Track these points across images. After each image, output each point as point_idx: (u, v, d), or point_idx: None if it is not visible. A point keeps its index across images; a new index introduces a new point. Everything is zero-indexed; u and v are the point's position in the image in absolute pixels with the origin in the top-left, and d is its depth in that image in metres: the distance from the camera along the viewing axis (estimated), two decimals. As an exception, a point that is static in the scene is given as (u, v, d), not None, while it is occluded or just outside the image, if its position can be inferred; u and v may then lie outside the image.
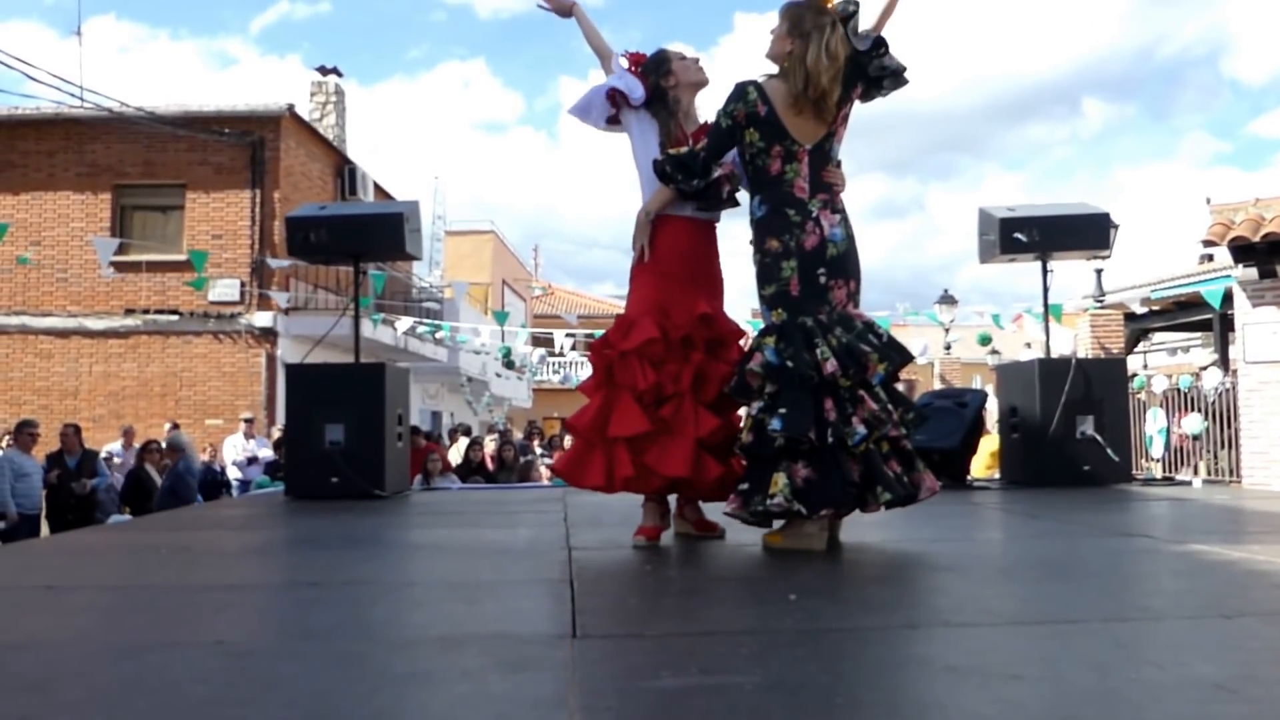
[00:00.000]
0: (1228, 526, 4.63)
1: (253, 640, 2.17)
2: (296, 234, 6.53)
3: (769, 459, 3.41)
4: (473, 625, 2.32)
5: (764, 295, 3.57)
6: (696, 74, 3.84)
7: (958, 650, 2.03)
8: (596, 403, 3.55)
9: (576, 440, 3.69)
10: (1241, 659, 1.97)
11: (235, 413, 14.87)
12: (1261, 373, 9.27)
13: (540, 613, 2.47)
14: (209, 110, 16.09)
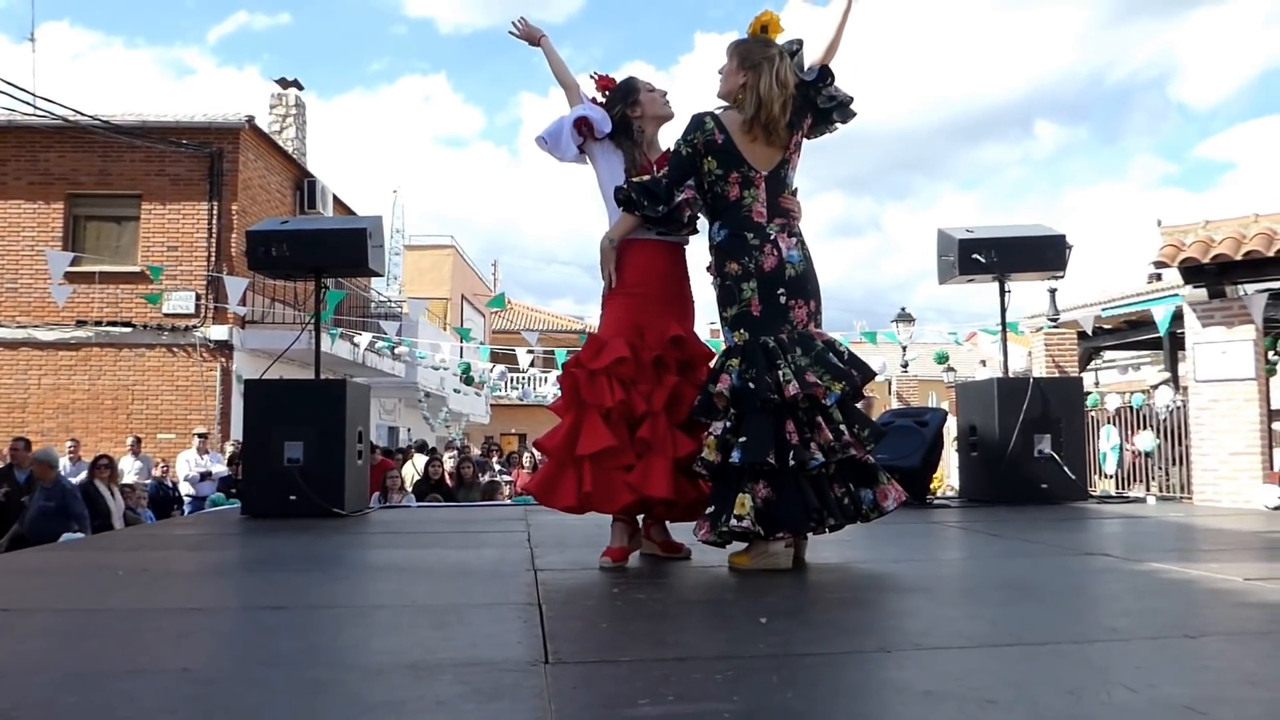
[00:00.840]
0: (1183, 544, 4.71)
1: (219, 667, 2.13)
2: (258, 248, 6.46)
3: (732, 479, 3.47)
4: (444, 651, 2.30)
5: (725, 317, 3.64)
6: (663, 108, 3.89)
7: (932, 674, 2.04)
8: (567, 422, 3.55)
9: (548, 461, 3.68)
10: (1208, 679, 2.00)
11: (188, 427, 14.68)
12: (1211, 391, 9.45)
13: (511, 638, 2.45)
14: (167, 120, 15.89)
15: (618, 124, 3.82)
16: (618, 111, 3.82)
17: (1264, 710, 1.74)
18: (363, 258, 6.46)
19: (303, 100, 20.54)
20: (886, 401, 23.00)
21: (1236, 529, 5.31)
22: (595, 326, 15.87)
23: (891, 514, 3.61)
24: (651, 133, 3.89)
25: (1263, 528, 5.44)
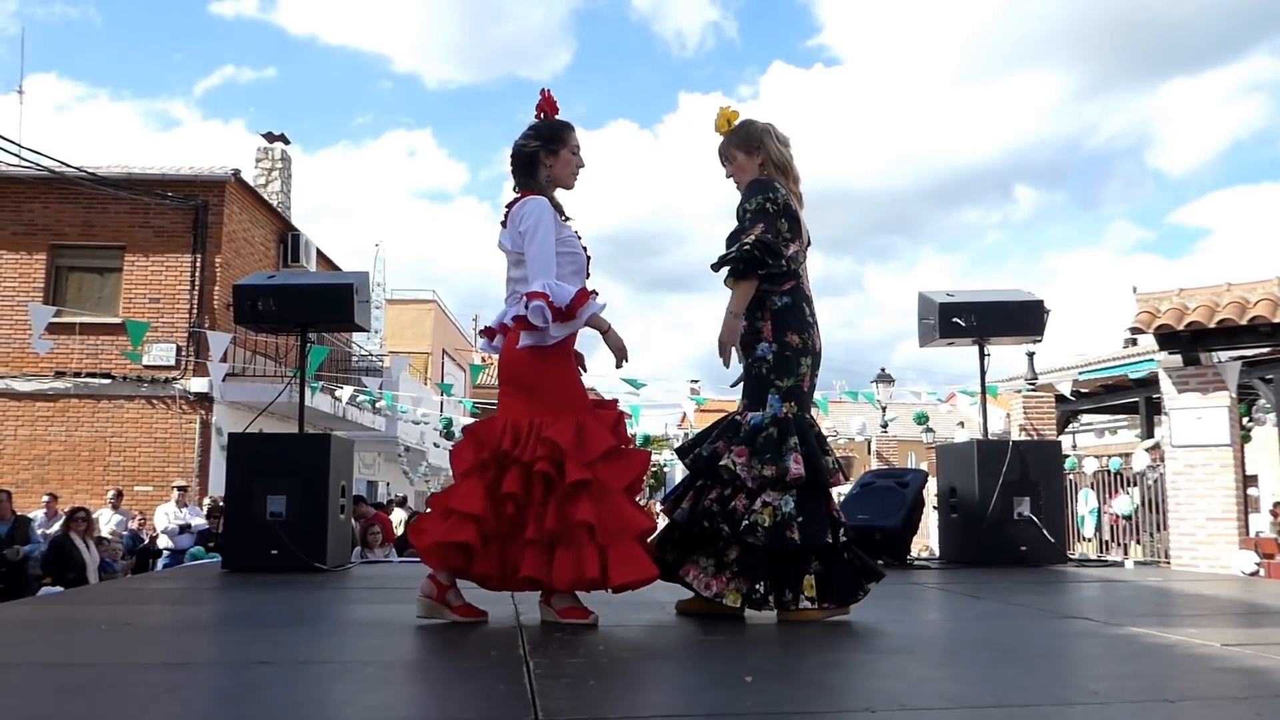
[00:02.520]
0: (1162, 609, 4.75)
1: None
2: (244, 302, 6.49)
3: (791, 558, 3.60)
4: (433, 708, 2.31)
5: (779, 386, 3.68)
6: (572, 178, 3.74)
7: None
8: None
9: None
10: (1188, 744, 2.03)
11: (166, 479, 14.56)
12: (1188, 456, 9.57)
13: (498, 695, 2.46)
14: (152, 172, 15.99)
15: (528, 157, 3.66)
16: (535, 147, 3.65)
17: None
18: (349, 313, 6.50)
19: (288, 154, 20.71)
20: (866, 461, 23.07)
21: (1214, 594, 5.36)
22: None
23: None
24: (551, 192, 3.68)
25: (1239, 594, 5.49)
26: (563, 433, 3.41)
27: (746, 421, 3.70)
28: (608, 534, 3.39)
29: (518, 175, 3.68)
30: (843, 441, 23.15)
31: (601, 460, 3.44)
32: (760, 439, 3.62)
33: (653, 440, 29.14)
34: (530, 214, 3.52)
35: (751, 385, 3.75)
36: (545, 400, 3.52)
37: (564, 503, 3.39)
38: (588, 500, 3.38)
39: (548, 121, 3.73)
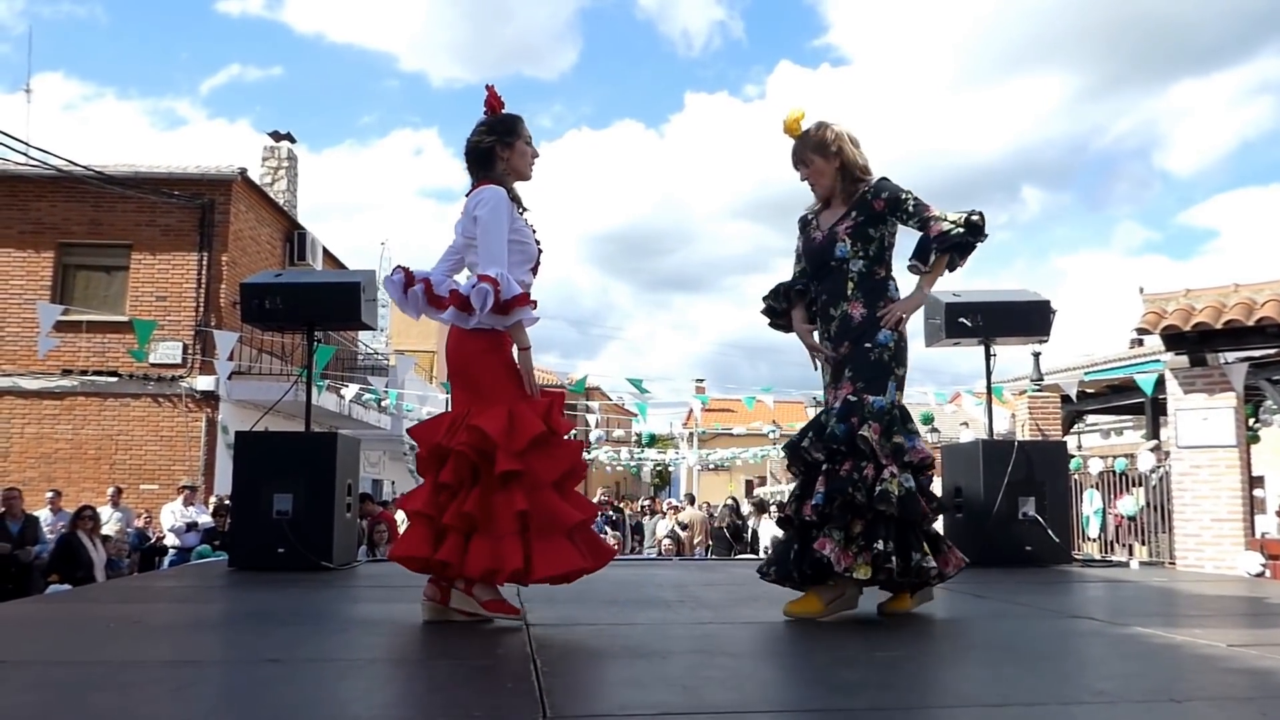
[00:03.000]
0: (1167, 609, 4.75)
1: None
2: (252, 300, 6.51)
3: (913, 527, 3.77)
4: (442, 705, 2.32)
5: (897, 375, 3.86)
6: (529, 168, 3.77)
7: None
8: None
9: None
10: (1195, 744, 2.04)
11: (172, 478, 14.60)
12: (1193, 457, 9.56)
13: (507, 693, 2.47)
14: (159, 171, 16.03)
15: (484, 152, 3.67)
16: (490, 141, 3.67)
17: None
18: (355, 311, 6.51)
19: (295, 153, 20.75)
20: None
21: (1219, 595, 5.35)
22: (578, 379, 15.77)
23: None
24: (510, 184, 3.71)
25: (1245, 594, 5.49)
26: (492, 421, 3.43)
27: (869, 403, 3.79)
28: (536, 527, 3.39)
29: (474, 170, 3.70)
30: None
31: (532, 450, 3.43)
32: (885, 419, 3.77)
33: (659, 439, 29.23)
34: (486, 201, 3.54)
35: (870, 369, 3.83)
36: (478, 389, 3.55)
37: (490, 492, 3.40)
38: (520, 491, 3.39)
39: (499, 116, 3.74)
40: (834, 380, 3.94)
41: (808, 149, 3.98)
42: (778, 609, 4.45)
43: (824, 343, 3.98)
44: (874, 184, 3.94)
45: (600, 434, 26.36)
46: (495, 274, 3.45)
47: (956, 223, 3.82)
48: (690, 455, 27.52)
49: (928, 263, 3.89)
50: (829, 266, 3.94)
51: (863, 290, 3.88)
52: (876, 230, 3.90)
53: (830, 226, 3.97)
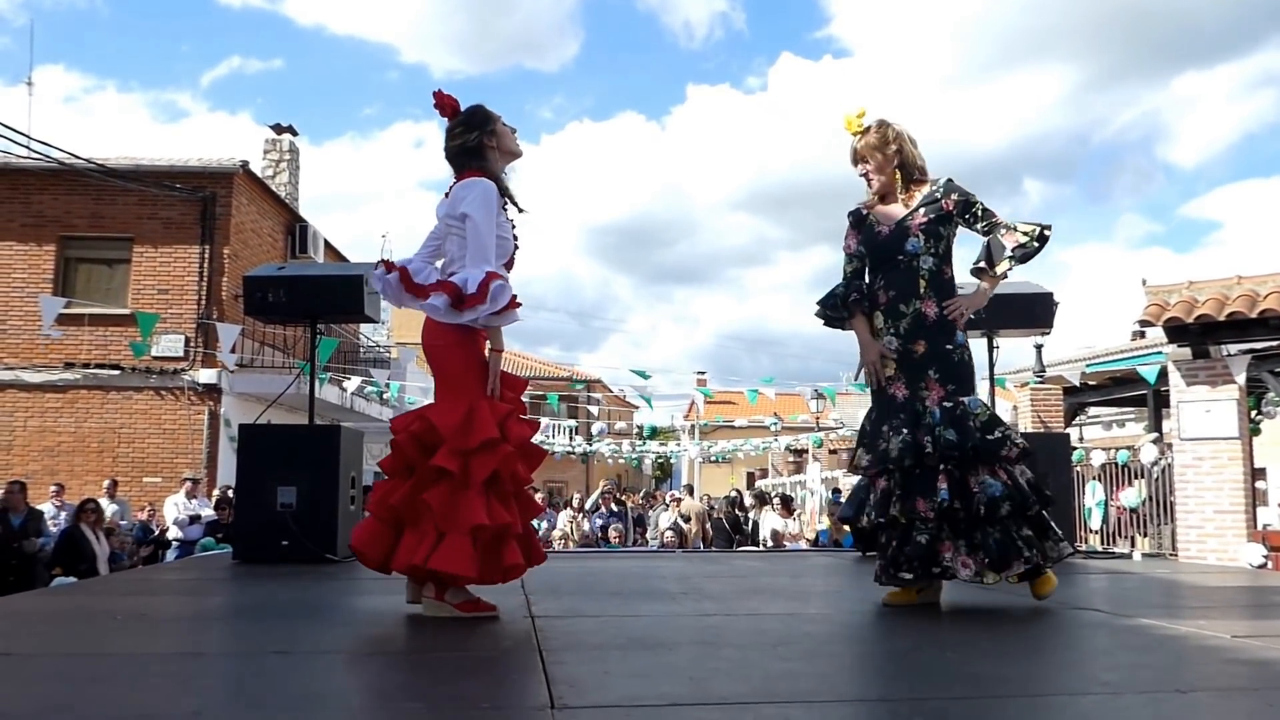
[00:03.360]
0: (1170, 601, 4.76)
1: (231, 712, 2.16)
2: (255, 293, 6.52)
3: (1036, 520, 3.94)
4: (451, 696, 2.33)
5: (972, 386, 4.01)
6: (516, 144, 3.78)
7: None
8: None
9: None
10: (1201, 735, 2.05)
11: (175, 471, 14.62)
12: (1196, 449, 9.56)
13: (515, 683, 2.48)
14: (160, 164, 16.03)
15: (473, 149, 3.65)
16: (475, 138, 3.66)
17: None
18: (359, 304, 6.52)
19: (296, 145, 20.74)
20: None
21: (1222, 586, 5.37)
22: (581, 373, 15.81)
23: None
24: (502, 167, 3.73)
25: (1248, 586, 5.50)
26: (447, 416, 3.43)
27: (966, 405, 3.90)
28: (449, 523, 3.36)
29: (462, 167, 3.66)
30: (849, 433, 23.18)
31: (478, 451, 3.40)
32: (988, 416, 3.93)
33: (660, 432, 29.28)
34: (477, 196, 3.51)
35: (958, 370, 3.96)
36: (445, 380, 3.57)
37: (420, 485, 3.40)
38: (444, 488, 3.37)
39: (469, 111, 3.73)
40: (910, 378, 3.96)
41: (869, 146, 4.07)
42: (781, 601, 4.48)
43: (887, 337, 4.00)
44: (942, 183, 4.03)
45: (602, 426, 26.39)
46: (497, 270, 3.46)
47: (1030, 235, 3.91)
48: (692, 448, 27.55)
49: (994, 268, 3.97)
50: (896, 261, 3.99)
51: (934, 288, 3.95)
52: (945, 229, 4.00)
53: (899, 221, 4.02)
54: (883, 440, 3.91)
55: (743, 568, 6.21)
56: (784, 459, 28.05)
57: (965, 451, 3.79)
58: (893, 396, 3.98)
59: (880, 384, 4.01)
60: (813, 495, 19.52)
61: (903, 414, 3.91)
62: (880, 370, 4.00)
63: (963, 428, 3.82)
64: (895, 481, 3.88)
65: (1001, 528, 3.81)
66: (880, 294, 4.03)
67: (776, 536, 12.91)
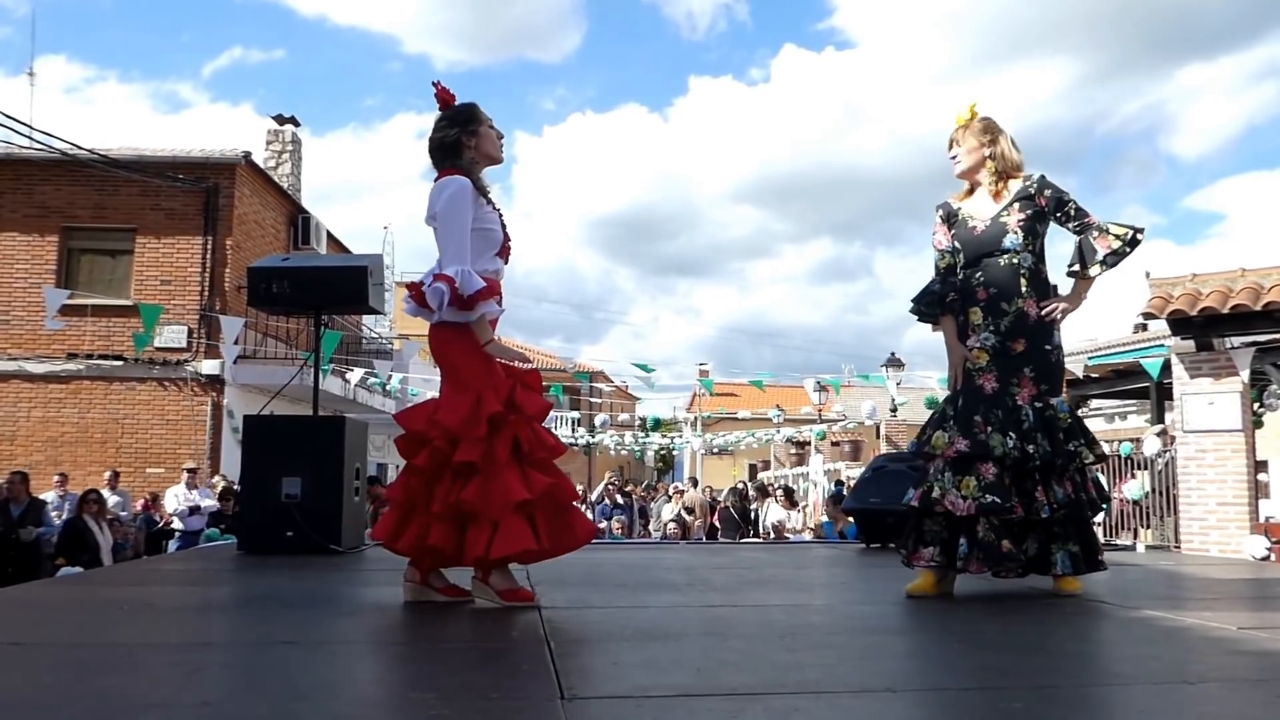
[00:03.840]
0: (1175, 592, 4.76)
1: (240, 702, 2.16)
2: (259, 284, 6.51)
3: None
4: (460, 686, 2.33)
5: (1061, 387, 4.11)
6: (498, 150, 3.74)
7: (944, 717, 2.08)
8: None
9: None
10: (1210, 726, 2.05)
11: (178, 462, 14.63)
12: (1199, 441, 9.56)
13: (523, 674, 2.48)
14: (163, 155, 16.01)
15: (451, 145, 3.64)
16: (455, 134, 3.64)
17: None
18: (363, 295, 6.52)
19: (299, 136, 20.71)
20: (875, 445, 23.09)
21: (1226, 578, 5.37)
22: (584, 365, 15.71)
23: (884, 555, 3.75)
24: (478, 170, 3.68)
25: (1251, 578, 5.50)
26: (453, 413, 3.46)
27: (1057, 408, 3.99)
28: (495, 510, 3.39)
29: (440, 163, 3.66)
30: (852, 426, 23.21)
31: (492, 433, 3.43)
32: (1074, 421, 4.00)
33: (663, 424, 29.27)
34: (447, 197, 3.51)
35: (1052, 371, 4.04)
36: (451, 375, 3.59)
37: (455, 482, 3.43)
38: (476, 482, 3.40)
39: (456, 108, 3.72)
40: (1004, 373, 4.00)
41: (969, 131, 4.12)
42: (786, 592, 4.49)
43: (985, 334, 4.02)
44: (1036, 179, 4.05)
45: (604, 418, 26.38)
46: (453, 271, 3.46)
47: (1124, 239, 3.93)
48: (694, 440, 27.57)
49: (1088, 270, 3.98)
50: (993, 256, 4.02)
51: (1033, 287, 4.00)
52: (1041, 226, 4.04)
53: (994, 217, 4.05)
54: (979, 430, 3.92)
55: (747, 559, 6.22)
56: (786, 451, 28.04)
57: (1053, 463, 3.88)
58: (980, 387, 4.00)
59: (959, 384, 4.08)
60: (815, 487, 19.53)
61: (998, 409, 3.94)
62: (962, 374, 4.07)
63: (1053, 435, 3.90)
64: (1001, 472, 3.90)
65: (1047, 535, 3.92)
66: (979, 290, 4.04)
67: (779, 528, 12.92)
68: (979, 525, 3.92)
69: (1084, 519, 3.97)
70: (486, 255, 3.62)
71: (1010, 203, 4.02)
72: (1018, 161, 4.09)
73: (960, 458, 3.94)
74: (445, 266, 3.50)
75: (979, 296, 4.03)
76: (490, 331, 3.61)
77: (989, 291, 4.01)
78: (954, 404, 4.10)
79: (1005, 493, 3.86)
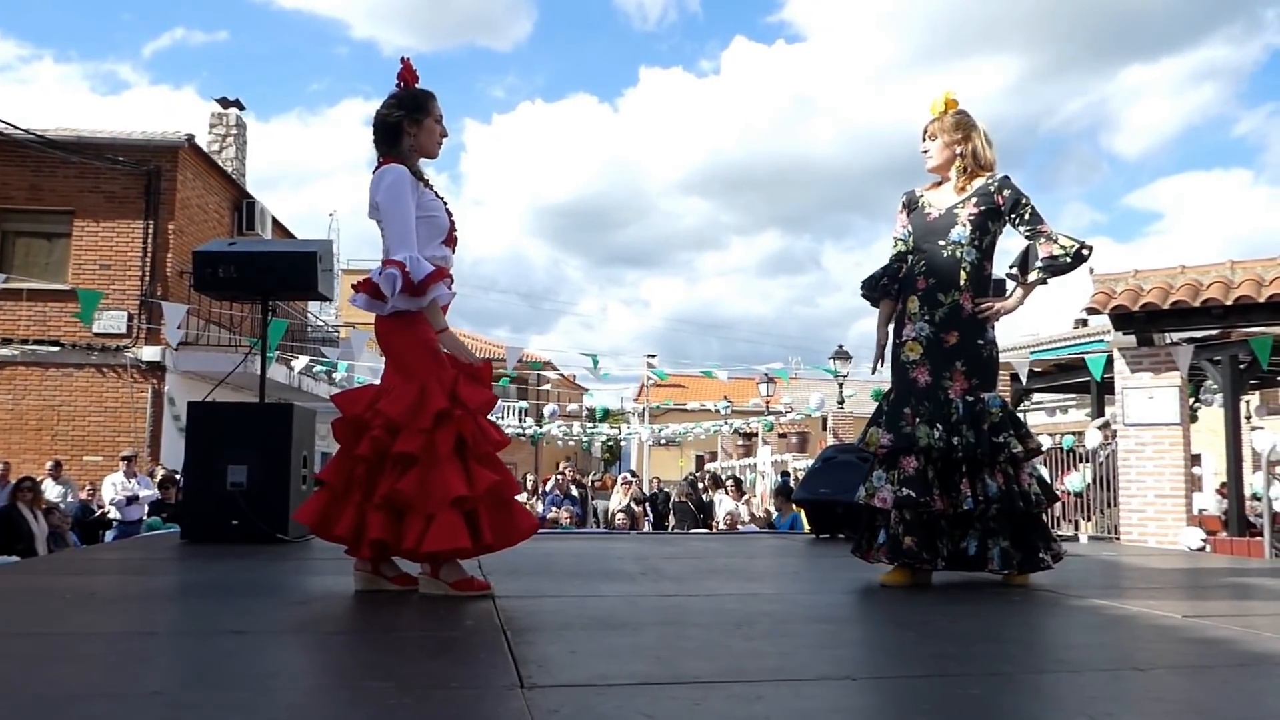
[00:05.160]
0: (1118, 582, 4.86)
1: (193, 691, 2.11)
2: (204, 269, 6.37)
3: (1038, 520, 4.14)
4: (419, 675, 2.30)
5: (994, 382, 4.09)
6: (436, 147, 3.68)
7: (898, 701, 2.10)
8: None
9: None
10: (1163, 711, 2.09)
11: (116, 449, 14.30)
12: (1139, 435, 9.76)
13: (481, 663, 2.46)
14: (102, 136, 15.63)
15: (391, 127, 3.58)
16: (399, 116, 3.57)
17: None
18: (312, 282, 6.41)
19: (243, 120, 20.34)
20: (821, 437, 23.27)
21: (1167, 568, 5.49)
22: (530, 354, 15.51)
23: (832, 546, 3.76)
24: (413, 160, 3.62)
25: (1191, 567, 5.64)
26: (397, 402, 3.42)
27: (987, 402, 3.99)
28: (430, 503, 3.35)
29: (380, 145, 3.61)
30: (799, 417, 23.37)
31: (436, 426, 3.40)
32: (1006, 415, 4.00)
33: (611, 415, 29.29)
34: (386, 186, 3.48)
35: (985, 366, 4.05)
36: (398, 364, 3.56)
37: (392, 471, 3.40)
38: (414, 473, 3.37)
39: (411, 91, 3.66)
40: (935, 365, 4.03)
41: (937, 124, 4.13)
42: (739, 582, 4.50)
43: (921, 324, 4.05)
44: (999, 179, 4.07)
45: (554, 408, 26.31)
46: (403, 257, 3.42)
47: (1067, 250, 3.94)
48: (643, 430, 27.59)
49: (1026, 275, 4.02)
50: (939, 247, 4.04)
51: (973, 283, 4.02)
52: (993, 224, 4.05)
53: (949, 207, 4.08)
54: (905, 423, 3.96)
55: (698, 549, 6.23)
56: (733, 442, 28.18)
57: (977, 455, 3.90)
58: (914, 380, 4.03)
59: (879, 368, 4.19)
60: (763, 478, 19.65)
61: (927, 401, 3.97)
62: (894, 366, 4.13)
63: (979, 428, 3.92)
64: (925, 465, 3.94)
65: (984, 530, 3.94)
66: (920, 279, 4.07)
67: (731, 518, 12.99)
68: (891, 517, 3.98)
69: (1017, 512, 3.94)
70: (434, 243, 3.58)
71: (969, 197, 4.06)
72: (989, 160, 4.11)
73: (889, 453, 4.01)
74: (394, 253, 3.45)
75: (918, 285, 4.08)
76: (443, 319, 3.57)
77: (928, 281, 4.06)
78: (888, 399, 4.15)
79: (922, 486, 3.92)
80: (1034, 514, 4.03)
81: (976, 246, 4.03)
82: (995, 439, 3.92)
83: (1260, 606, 3.79)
